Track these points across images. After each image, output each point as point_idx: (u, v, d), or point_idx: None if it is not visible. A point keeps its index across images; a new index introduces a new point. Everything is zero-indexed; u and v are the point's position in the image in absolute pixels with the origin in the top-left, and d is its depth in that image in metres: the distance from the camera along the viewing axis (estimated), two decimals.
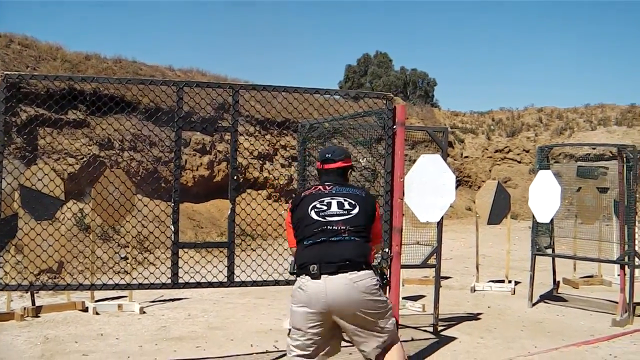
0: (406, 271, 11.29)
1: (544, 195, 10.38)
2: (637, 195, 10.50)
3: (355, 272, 4.65)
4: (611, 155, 30.88)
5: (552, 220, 10.98)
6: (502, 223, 13.27)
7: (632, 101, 39.66)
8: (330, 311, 4.63)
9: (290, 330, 4.83)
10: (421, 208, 8.06)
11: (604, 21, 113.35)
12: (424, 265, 9.14)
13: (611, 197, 11.85)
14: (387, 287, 5.07)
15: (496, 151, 35.42)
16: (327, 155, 5.26)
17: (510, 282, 12.45)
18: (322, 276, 4.61)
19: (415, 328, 8.84)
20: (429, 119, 35.11)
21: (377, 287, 4.76)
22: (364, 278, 4.67)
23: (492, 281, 12.85)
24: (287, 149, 23.42)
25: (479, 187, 20.73)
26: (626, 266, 9.80)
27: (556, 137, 34.59)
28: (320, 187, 5.12)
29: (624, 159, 9.81)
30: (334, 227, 4.79)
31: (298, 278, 4.79)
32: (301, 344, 4.73)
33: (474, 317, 9.85)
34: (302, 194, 5.17)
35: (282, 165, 23.48)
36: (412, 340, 8.27)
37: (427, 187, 8.02)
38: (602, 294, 11.98)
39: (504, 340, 8.42)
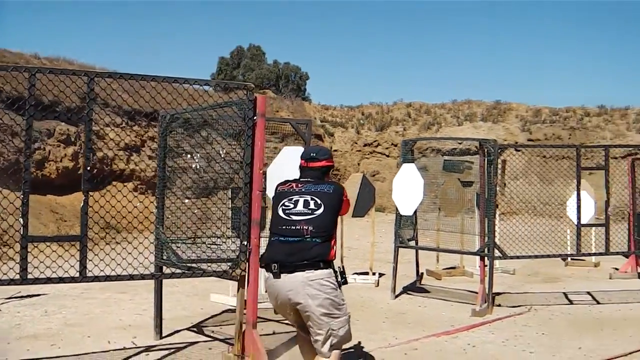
0: None
1: (407, 188, 10.50)
2: (497, 189, 10.75)
3: (312, 270, 5.01)
4: (476, 149, 31.73)
5: (415, 212, 11.12)
6: (367, 215, 13.38)
7: (497, 98, 40.84)
8: (291, 304, 5.09)
9: None
10: None
11: (473, 19, 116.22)
12: None
13: (475, 191, 12.10)
14: (342, 286, 5.28)
15: (365, 145, 35.63)
16: (312, 154, 5.63)
17: (374, 274, 12.56)
18: (282, 275, 5.04)
19: (277, 321, 8.73)
20: (300, 112, 35.03)
21: (333, 287, 5.11)
22: (320, 277, 5.03)
23: (357, 273, 12.92)
24: (155, 140, 23.01)
25: None
26: (486, 258, 10.02)
27: (424, 131, 35.05)
28: (293, 184, 5.49)
29: (485, 153, 10.00)
30: (296, 227, 5.13)
31: (266, 272, 5.23)
32: (293, 323, 5.47)
33: None
34: (279, 187, 5.57)
35: (150, 157, 23.03)
36: (274, 333, 8.23)
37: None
38: (463, 284, 12.25)
39: (365, 332, 8.44)
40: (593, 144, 27.23)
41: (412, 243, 11.48)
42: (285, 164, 8.03)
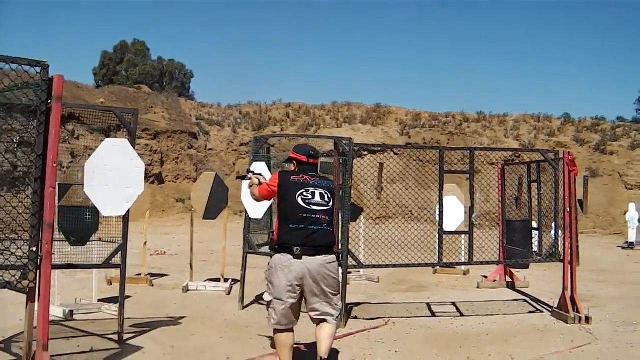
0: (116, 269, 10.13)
1: None
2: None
3: (327, 255, 6.09)
4: (354, 151, 31.10)
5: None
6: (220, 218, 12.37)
7: (378, 101, 40.81)
8: (305, 283, 6.02)
9: (271, 301, 6.20)
10: (104, 200, 7.03)
11: (353, 19, 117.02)
12: (106, 265, 7.92)
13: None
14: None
15: (241, 144, 34.65)
16: (311, 152, 6.49)
17: (226, 280, 11.60)
18: (304, 257, 5.95)
19: (100, 336, 7.77)
20: (175, 109, 34.18)
21: (337, 269, 6.28)
22: (333, 261, 6.16)
23: (210, 280, 11.96)
24: (14, 132, 21.54)
25: None
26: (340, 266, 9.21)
27: (302, 132, 34.46)
28: (306, 177, 6.27)
29: (340, 151, 9.19)
30: (316, 216, 6.06)
31: (279, 255, 6.09)
32: (280, 313, 6.12)
33: (174, 321, 8.87)
34: (292, 177, 6.28)
35: (7, 151, 21.56)
36: (92, 351, 7.18)
37: (111, 175, 7.14)
38: None
39: (196, 350, 7.50)
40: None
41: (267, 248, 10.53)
42: (108, 158, 7.19)
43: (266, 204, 9.43)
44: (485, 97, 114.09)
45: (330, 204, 6.22)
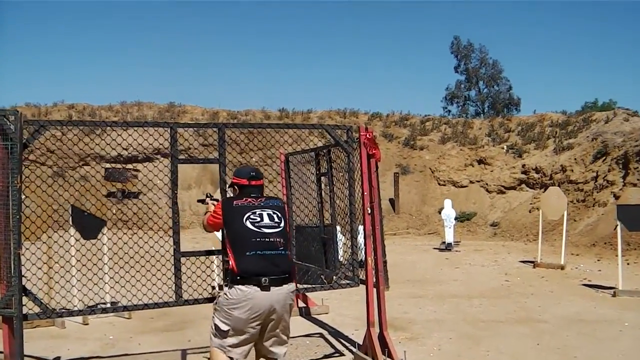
0: None
1: None
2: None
3: (291, 283, 5.33)
4: (144, 156, 28.08)
5: None
6: None
7: (171, 100, 39.06)
8: (269, 315, 5.15)
9: (223, 331, 5.10)
10: None
11: (142, 14, 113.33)
12: None
13: None
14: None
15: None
16: (252, 174, 5.70)
17: None
18: (272, 288, 5.08)
19: None
20: None
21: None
22: (294, 289, 5.42)
23: None
24: None
25: None
26: (13, 318, 5.67)
27: (91, 134, 31.09)
28: (249, 199, 5.52)
29: (4, 135, 5.78)
30: (270, 239, 5.27)
31: (238, 287, 5.06)
32: (237, 343, 5.13)
33: None
34: (233, 201, 5.51)
35: None
36: None
37: None
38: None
39: None
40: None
41: None
42: None
43: None
44: (288, 93, 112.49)
45: (282, 224, 5.44)
